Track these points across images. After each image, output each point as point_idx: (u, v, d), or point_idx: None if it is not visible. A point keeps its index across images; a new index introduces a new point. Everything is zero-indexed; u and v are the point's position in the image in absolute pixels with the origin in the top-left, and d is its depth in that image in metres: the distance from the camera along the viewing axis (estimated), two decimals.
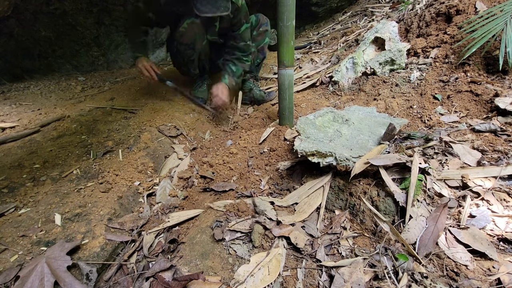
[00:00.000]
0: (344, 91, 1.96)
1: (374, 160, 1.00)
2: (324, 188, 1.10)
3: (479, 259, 0.81)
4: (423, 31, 1.94)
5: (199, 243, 0.97)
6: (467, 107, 1.42)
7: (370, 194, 1.01)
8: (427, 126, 1.39)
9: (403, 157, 1.03)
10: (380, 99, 1.69)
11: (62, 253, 0.90)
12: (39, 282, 0.83)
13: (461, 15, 1.77)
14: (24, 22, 2.43)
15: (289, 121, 1.58)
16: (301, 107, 1.88)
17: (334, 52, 2.69)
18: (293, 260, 0.89)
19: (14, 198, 1.18)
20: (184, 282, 0.82)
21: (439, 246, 0.85)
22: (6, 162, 1.39)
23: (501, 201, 0.93)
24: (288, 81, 1.48)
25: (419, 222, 0.90)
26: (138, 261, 0.99)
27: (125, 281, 0.90)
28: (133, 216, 1.17)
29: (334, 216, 1.03)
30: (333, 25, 3.87)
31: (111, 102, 2.11)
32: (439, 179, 1.00)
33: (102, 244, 1.00)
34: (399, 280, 0.77)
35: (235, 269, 0.87)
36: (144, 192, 1.31)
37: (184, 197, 1.29)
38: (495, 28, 1.45)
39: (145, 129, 1.67)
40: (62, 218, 1.08)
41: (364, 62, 1.94)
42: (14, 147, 1.53)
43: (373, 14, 3.38)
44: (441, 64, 1.70)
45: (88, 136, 1.62)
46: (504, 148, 1.10)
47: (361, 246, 0.91)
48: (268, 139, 1.51)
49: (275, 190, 1.19)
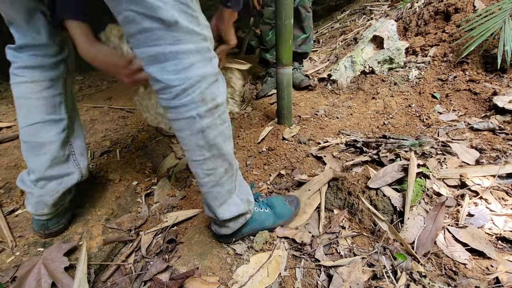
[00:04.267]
0: (343, 89, 1.96)
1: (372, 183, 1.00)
2: (321, 190, 1.09)
3: (478, 258, 0.81)
4: (421, 30, 1.94)
5: (198, 243, 0.96)
6: (466, 106, 1.42)
7: (369, 193, 1.01)
8: (425, 125, 1.38)
9: (401, 163, 1.03)
10: (379, 98, 1.69)
11: (59, 254, 0.89)
12: (36, 283, 0.82)
13: (460, 14, 1.77)
14: None
15: (287, 120, 1.57)
16: (299, 106, 1.88)
17: (332, 51, 2.68)
18: (292, 259, 0.89)
19: (11, 198, 1.17)
20: (181, 280, 0.81)
21: (437, 245, 0.85)
22: (3, 162, 1.38)
23: (500, 199, 0.93)
24: (286, 80, 1.47)
25: (418, 221, 0.90)
26: (136, 261, 0.98)
27: (123, 281, 0.90)
28: (131, 216, 1.16)
29: (333, 215, 1.03)
30: (332, 23, 3.86)
31: (108, 101, 2.10)
32: (438, 178, 1.00)
33: (100, 245, 0.99)
34: (397, 280, 0.77)
35: (233, 269, 0.87)
36: (142, 192, 1.30)
37: (182, 196, 1.28)
38: (493, 27, 1.45)
39: (143, 129, 1.67)
40: None
41: (362, 60, 1.94)
42: (11, 147, 1.52)
43: (371, 12, 3.37)
44: (439, 62, 1.70)
45: (86, 135, 1.61)
46: (503, 146, 1.10)
47: (359, 245, 0.91)
48: (266, 138, 1.51)
49: (273, 190, 1.19)
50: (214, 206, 0.81)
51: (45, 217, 0.95)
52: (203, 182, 0.77)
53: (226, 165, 0.76)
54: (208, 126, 0.67)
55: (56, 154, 0.92)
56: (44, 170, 0.90)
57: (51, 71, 0.87)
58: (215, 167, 0.74)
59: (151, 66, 0.61)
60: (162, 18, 0.55)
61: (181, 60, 0.60)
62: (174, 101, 0.63)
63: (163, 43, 0.58)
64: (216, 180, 0.77)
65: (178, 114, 0.65)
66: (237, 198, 0.83)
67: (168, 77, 0.60)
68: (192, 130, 0.67)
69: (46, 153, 0.90)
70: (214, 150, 0.71)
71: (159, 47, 0.58)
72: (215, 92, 0.67)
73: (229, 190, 0.81)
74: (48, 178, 0.92)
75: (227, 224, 0.86)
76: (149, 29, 0.56)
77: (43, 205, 0.93)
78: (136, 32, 0.57)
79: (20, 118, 0.88)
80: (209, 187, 0.77)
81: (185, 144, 0.71)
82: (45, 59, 0.84)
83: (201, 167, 0.74)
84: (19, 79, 0.84)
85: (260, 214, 0.93)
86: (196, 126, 0.66)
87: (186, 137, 0.69)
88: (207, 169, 0.74)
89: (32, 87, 0.84)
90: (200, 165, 0.73)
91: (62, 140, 0.93)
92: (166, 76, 0.60)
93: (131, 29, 0.58)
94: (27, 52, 0.82)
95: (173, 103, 0.64)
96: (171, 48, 0.58)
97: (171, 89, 0.62)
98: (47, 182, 0.92)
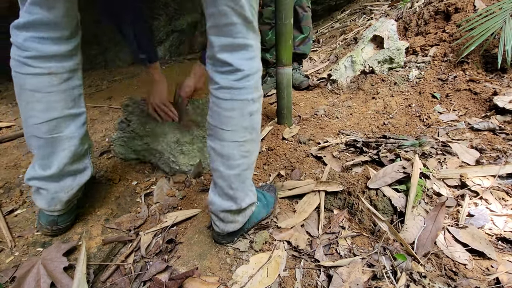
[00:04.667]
0: (343, 89, 1.96)
1: (372, 184, 1.00)
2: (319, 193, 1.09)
3: (478, 259, 0.81)
4: (421, 30, 1.94)
5: (197, 243, 0.96)
6: (466, 106, 1.41)
7: (369, 193, 1.01)
8: (425, 125, 1.38)
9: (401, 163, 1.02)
10: (379, 97, 1.69)
11: (59, 254, 0.89)
12: (35, 283, 0.82)
13: (460, 13, 1.77)
14: None
15: (287, 120, 1.57)
16: (299, 106, 1.88)
17: (332, 51, 2.68)
18: (292, 260, 0.89)
19: (10, 198, 1.17)
20: (180, 280, 0.81)
21: (437, 246, 0.85)
22: (2, 162, 1.38)
23: (500, 200, 0.93)
24: (286, 79, 1.47)
25: (418, 222, 0.89)
26: (136, 261, 0.98)
27: (122, 282, 0.90)
28: (131, 216, 1.16)
29: (332, 215, 1.02)
30: (332, 23, 3.85)
31: (108, 101, 2.10)
32: (438, 178, 1.00)
33: (99, 245, 0.99)
34: (397, 280, 0.77)
35: (233, 269, 0.87)
36: (142, 192, 1.30)
37: (182, 196, 1.28)
38: (494, 26, 1.44)
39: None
40: None
41: (362, 60, 1.93)
42: (10, 147, 1.52)
43: (371, 12, 3.37)
44: (439, 62, 1.69)
45: None
46: (503, 146, 1.10)
47: (359, 245, 0.91)
48: (266, 138, 1.51)
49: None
50: (238, 191, 0.83)
51: (56, 213, 0.95)
52: (237, 164, 0.79)
53: (257, 151, 0.84)
54: (256, 111, 0.78)
55: (75, 149, 0.89)
56: (62, 166, 0.88)
57: (69, 61, 0.82)
58: (251, 150, 0.81)
59: (226, 52, 0.72)
60: (246, 16, 0.69)
61: (249, 51, 0.73)
62: (237, 82, 0.73)
63: (240, 36, 0.71)
64: (249, 164, 0.82)
65: (237, 95, 0.74)
66: (252, 188, 0.89)
67: (239, 62, 0.72)
68: (243, 112, 0.75)
69: (65, 149, 0.87)
70: (254, 133, 0.80)
71: (237, 38, 0.71)
72: (261, 84, 0.79)
73: (251, 178, 0.87)
74: (65, 174, 0.91)
75: (237, 217, 0.88)
76: (235, 23, 0.69)
77: (57, 201, 0.91)
78: (223, 25, 0.69)
79: (35, 113, 0.81)
80: (241, 169, 0.81)
81: (231, 124, 0.76)
82: (60, 46, 0.78)
83: (240, 148, 0.78)
84: (33, 70, 0.77)
85: (256, 208, 0.97)
86: (248, 108, 0.75)
87: (236, 117, 0.75)
88: (245, 151, 0.79)
89: (50, 79, 0.79)
90: (239, 146, 0.78)
91: (82, 135, 0.91)
92: (238, 61, 0.72)
93: (220, 21, 0.69)
94: (34, 32, 0.74)
95: (236, 85, 0.73)
96: (245, 41, 0.72)
97: (238, 72, 0.73)
98: (64, 178, 0.91)
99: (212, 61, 0.75)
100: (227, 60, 0.72)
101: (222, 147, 0.78)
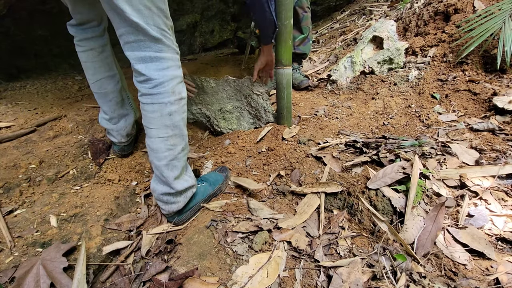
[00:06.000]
0: (343, 90, 1.96)
1: (372, 184, 1.00)
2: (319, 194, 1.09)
3: (478, 259, 0.81)
4: (421, 30, 1.94)
5: (197, 244, 0.96)
6: (465, 106, 1.42)
7: (368, 194, 1.01)
8: (425, 125, 1.38)
9: (401, 163, 1.02)
10: (378, 98, 1.69)
11: (58, 254, 0.89)
12: (35, 283, 0.82)
13: (459, 14, 1.77)
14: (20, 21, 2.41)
15: (287, 120, 1.57)
16: (299, 106, 1.88)
17: (332, 51, 2.69)
18: (291, 260, 0.89)
19: (10, 198, 1.16)
20: (180, 280, 0.81)
21: (437, 246, 0.85)
22: (2, 162, 1.38)
23: (499, 200, 0.93)
24: (286, 80, 1.47)
25: (417, 222, 0.89)
26: (135, 262, 0.98)
27: (122, 282, 0.89)
28: (130, 217, 1.16)
29: (332, 216, 1.02)
30: (332, 24, 3.86)
31: None
32: (438, 178, 1.00)
33: (99, 245, 0.99)
34: (397, 280, 0.77)
35: (233, 270, 0.87)
36: (142, 192, 1.30)
37: None
38: (493, 27, 1.45)
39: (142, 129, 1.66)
40: (58, 219, 1.07)
41: (362, 61, 1.94)
42: (10, 147, 1.52)
43: (371, 13, 3.38)
44: (439, 63, 1.70)
45: (85, 135, 1.60)
46: (502, 147, 1.10)
47: (359, 246, 0.91)
48: (266, 139, 1.51)
49: (272, 191, 1.18)
50: (170, 178, 0.97)
51: (123, 144, 1.39)
52: (164, 156, 0.94)
53: (183, 144, 0.98)
54: (175, 111, 0.91)
55: (117, 99, 1.28)
56: (112, 111, 1.28)
57: (101, 39, 1.18)
58: (176, 144, 0.95)
59: (140, 64, 0.86)
60: (152, 35, 0.83)
61: (162, 63, 0.87)
62: (153, 89, 0.88)
63: (149, 50, 0.85)
64: (175, 155, 0.96)
65: (154, 99, 0.88)
66: (186, 175, 1.04)
67: (152, 72, 0.86)
68: (162, 112, 0.89)
69: (111, 100, 1.26)
70: (176, 130, 0.94)
71: (148, 52, 0.85)
72: (181, 89, 0.94)
73: (183, 166, 1.01)
74: (117, 117, 1.31)
75: (178, 199, 1.02)
76: (143, 40, 0.83)
77: (121, 136, 1.35)
78: (133, 41, 0.83)
79: (89, 76, 1.21)
80: (169, 160, 0.95)
81: (154, 123, 0.91)
82: (95, 30, 1.15)
83: (165, 142, 0.93)
84: (82, 48, 1.16)
85: (200, 188, 1.14)
86: (166, 109, 0.90)
87: (157, 117, 0.90)
88: (170, 144, 0.94)
89: (92, 53, 1.17)
90: (164, 141, 0.93)
91: (119, 89, 1.28)
92: (151, 72, 0.86)
93: (130, 38, 0.83)
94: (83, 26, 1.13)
95: (152, 91, 0.88)
96: (156, 54, 0.85)
97: (151, 81, 0.87)
98: (118, 120, 1.31)
99: (133, 72, 0.89)
100: (141, 71, 0.86)
101: (152, 142, 0.94)
